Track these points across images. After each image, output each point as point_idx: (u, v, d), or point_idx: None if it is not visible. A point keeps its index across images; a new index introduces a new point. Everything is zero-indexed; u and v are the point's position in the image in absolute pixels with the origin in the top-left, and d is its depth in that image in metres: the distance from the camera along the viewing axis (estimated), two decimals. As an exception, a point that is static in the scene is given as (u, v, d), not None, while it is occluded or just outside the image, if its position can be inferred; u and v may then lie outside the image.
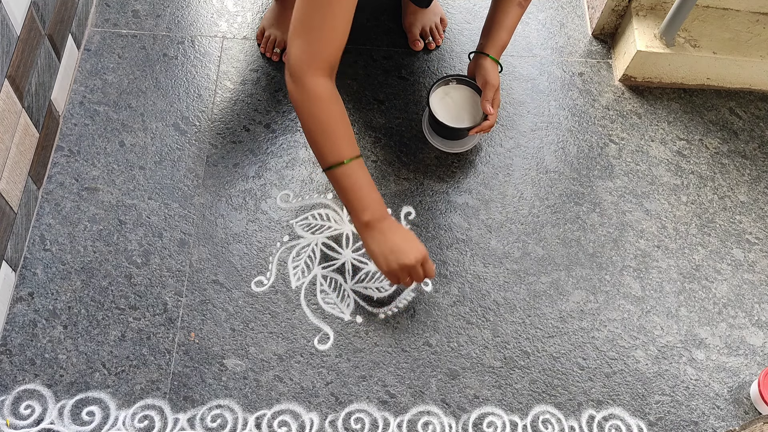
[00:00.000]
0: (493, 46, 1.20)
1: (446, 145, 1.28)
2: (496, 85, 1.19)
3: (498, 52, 1.21)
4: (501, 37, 1.20)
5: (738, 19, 1.40)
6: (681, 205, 1.29)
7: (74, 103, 1.28)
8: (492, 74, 1.20)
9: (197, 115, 1.29)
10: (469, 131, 1.22)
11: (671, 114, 1.39)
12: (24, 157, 1.12)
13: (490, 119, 1.20)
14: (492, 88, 1.19)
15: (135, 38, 1.37)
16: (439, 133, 1.28)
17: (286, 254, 1.18)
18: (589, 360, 1.13)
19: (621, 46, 1.42)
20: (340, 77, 1.35)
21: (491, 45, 1.20)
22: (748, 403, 1.12)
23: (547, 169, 1.31)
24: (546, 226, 1.25)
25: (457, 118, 1.24)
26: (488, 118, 1.20)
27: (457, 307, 1.16)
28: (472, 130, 1.21)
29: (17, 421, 1.02)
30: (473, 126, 1.21)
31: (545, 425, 1.08)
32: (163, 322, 1.11)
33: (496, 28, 1.20)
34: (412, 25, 1.38)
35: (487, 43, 1.21)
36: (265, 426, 1.04)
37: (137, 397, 1.05)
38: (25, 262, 1.13)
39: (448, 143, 1.28)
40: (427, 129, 1.30)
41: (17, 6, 1.05)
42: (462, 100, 1.25)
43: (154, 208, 1.20)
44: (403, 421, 1.06)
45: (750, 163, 1.35)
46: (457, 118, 1.24)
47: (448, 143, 1.28)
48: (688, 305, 1.20)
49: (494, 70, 1.20)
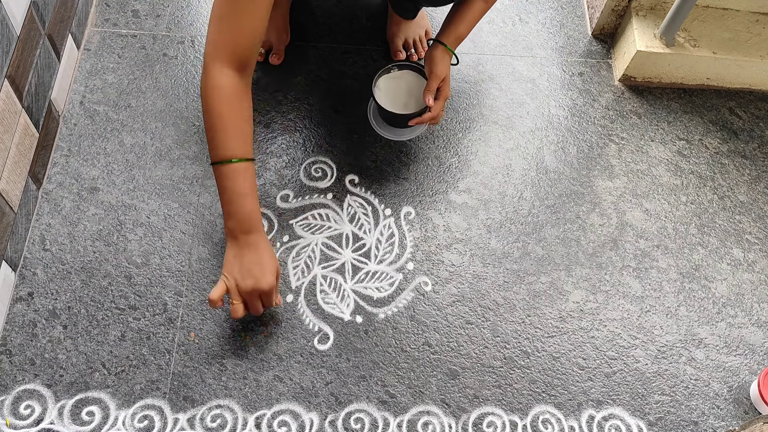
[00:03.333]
0: (448, 36, 1.18)
1: (386, 131, 1.26)
2: (442, 76, 1.17)
3: (453, 43, 1.18)
4: (459, 28, 1.18)
5: (738, 19, 1.40)
6: (681, 205, 1.29)
7: (74, 103, 1.28)
8: (440, 64, 1.17)
9: (197, 115, 1.29)
10: (409, 120, 1.19)
11: (671, 114, 1.39)
12: (24, 157, 1.12)
13: (432, 111, 1.17)
14: (437, 79, 1.17)
15: (135, 38, 1.37)
16: (381, 116, 1.25)
17: (286, 254, 1.18)
18: (588, 360, 1.13)
19: (621, 46, 1.42)
20: (340, 77, 1.35)
21: (447, 34, 1.18)
22: (747, 403, 1.12)
23: (547, 169, 1.31)
24: (546, 226, 1.25)
25: (402, 105, 1.21)
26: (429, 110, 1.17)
27: (457, 307, 1.16)
28: (412, 120, 1.18)
29: (17, 421, 1.02)
30: (415, 114, 1.18)
31: (545, 425, 1.08)
32: (163, 322, 1.11)
33: (457, 19, 1.18)
34: (395, 36, 1.37)
35: (443, 32, 1.19)
36: (264, 426, 1.04)
37: (137, 397, 1.05)
38: (24, 262, 1.13)
39: (391, 130, 1.26)
40: (371, 112, 1.27)
41: (17, 6, 1.05)
42: (410, 87, 1.22)
43: (154, 208, 1.20)
44: (402, 421, 1.06)
45: (750, 163, 1.35)
46: (401, 105, 1.21)
47: (392, 130, 1.26)
48: (688, 305, 1.20)
49: (443, 60, 1.17)
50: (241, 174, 1.00)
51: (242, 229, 1.02)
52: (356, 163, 1.27)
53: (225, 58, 0.97)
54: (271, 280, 1.03)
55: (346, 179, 1.26)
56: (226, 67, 0.97)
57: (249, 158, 1.01)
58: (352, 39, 1.41)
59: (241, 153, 1.00)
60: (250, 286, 1.02)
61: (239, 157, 0.99)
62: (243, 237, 1.02)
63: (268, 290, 1.03)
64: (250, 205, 1.02)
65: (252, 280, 1.02)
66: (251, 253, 1.02)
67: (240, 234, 1.02)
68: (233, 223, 1.02)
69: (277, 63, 1.35)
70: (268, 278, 1.02)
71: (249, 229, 1.02)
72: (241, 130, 1.00)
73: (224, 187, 1.01)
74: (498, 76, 1.40)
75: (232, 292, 1.02)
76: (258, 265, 1.02)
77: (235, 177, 1.00)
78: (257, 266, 1.02)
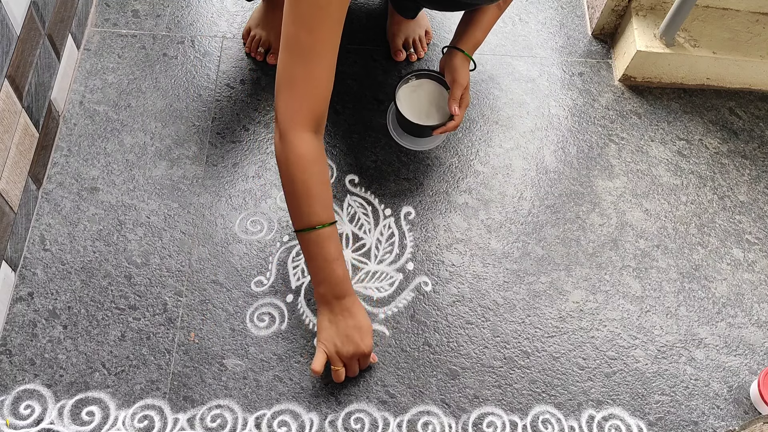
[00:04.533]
0: (466, 42, 1.17)
1: (409, 142, 1.26)
2: (464, 84, 1.16)
3: (471, 49, 1.18)
4: (476, 34, 1.17)
5: (738, 19, 1.40)
6: (681, 205, 1.29)
7: (74, 103, 1.28)
8: (461, 72, 1.16)
9: (197, 115, 1.29)
10: (433, 130, 1.19)
11: (671, 114, 1.39)
12: (24, 157, 1.12)
13: (456, 119, 1.17)
14: (460, 87, 1.16)
15: (135, 38, 1.37)
16: (403, 128, 1.24)
17: (285, 254, 1.18)
18: (588, 360, 1.13)
19: (621, 46, 1.42)
20: (340, 77, 1.35)
21: (465, 41, 1.17)
22: (747, 403, 1.12)
23: (547, 169, 1.31)
24: (546, 226, 1.25)
25: (425, 115, 1.20)
26: (453, 118, 1.17)
27: (457, 307, 1.16)
28: (437, 130, 1.18)
29: (17, 421, 1.02)
30: (439, 125, 1.18)
31: (545, 425, 1.08)
32: (163, 322, 1.11)
33: (472, 25, 1.17)
34: (396, 35, 1.37)
35: (460, 39, 1.18)
36: (264, 426, 1.04)
37: (137, 397, 1.05)
38: (24, 262, 1.14)
39: (413, 141, 1.26)
40: (391, 123, 1.26)
41: (17, 6, 1.05)
42: (430, 97, 1.22)
43: (154, 208, 1.20)
44: (402, 421, 1.06)
45: (750, 163, 1.35)
46: (423, 116, 1.20)
47: (414, 141, 1.26)
48: (688, 305, 1.20)
49: (464, 68, 1.17)
50: (327, 239, 0.99)
51: (335, 294, 1.02)
52: (356, 163, 1.27)
53: (303, 123, 0.95)
54: (369, 344, 1.04)
55: (346, 179, 1.26)
56: (305, 132, 0.96)
57: (333, 221, 1.00)
58: (352, 39, 1.41)
59: (326, 218, 0.99)
60: (351, 352, 1.02)
61: (324, 222, 0.98)
62: (336, 302, 1.02)
63: (368, 353, 1.04)
64: (340, 269, 1.01)
65: (352, 345, 1.02)
66: (347, 318, 1.02)
67: (333, 299, 1.02)
68: (325, 289, 1.01)
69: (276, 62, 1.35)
70: (366, 342, 1.03)
71: (342, 293, 1.02)
72: (325, 196, 0.99)
73: (313, 254, 1.00)
74: (498, 76, 1.40)
75: (333, 359, 1.03)
76: (356, 329, 1.02)
77: (323, 243, 0.99)
78: (355, 330, 1.02)
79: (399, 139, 1.26)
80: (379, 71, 1.37)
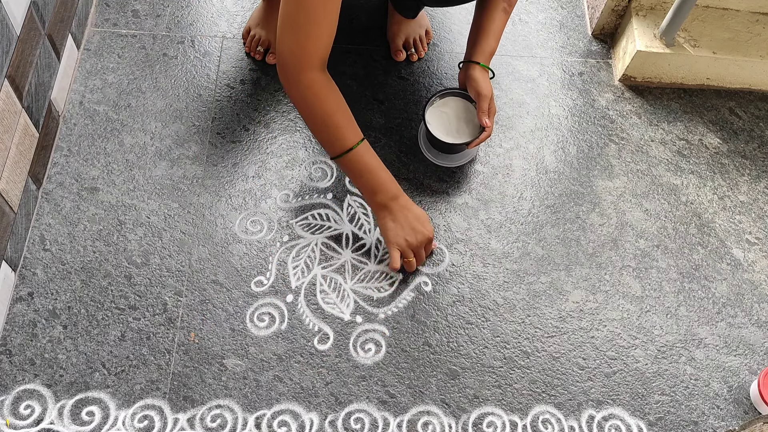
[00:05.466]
0: (481, 53, 1.18)
1: (447, 160, 1.27)
2: (489, 94, 1.17)
3: (487, 59, 1.19)
4: (489, 43, 1.18)
5: (738, 19, 1.40)
6: (681, 205, 1.29)
7: (74, 103, 1.28)
8: (483, 84, 1.17)
9: (197, 115, 1.29)
10: (468, 145, 1.21)
11: (671, 114, 1.39)
12: (24, 157, 1.12)
13: (488, 130, 1.19)
14: (486, 99, 1.17)
15: (135, 38, 1.37)
16: (438, 148, 1.26)
17: (285, 254, 1.18)
18: (588, 360, 1.13)
19: (621, 46, 1.42)
20: (340, 77, 1.35)
21: (479, 52, 1.18)
22: (747, 403, 1.12)
23: (547, 169, 1.31)
24: (546, 226, 1.25)
25: (456, 132, 1.22)
26: (485, 129, 1.19)
27: (457, 307, 1.16)
28: (471, 144, 1.19)
29: (17, 421, 1.02)
30: (472, 140, 1.20)
31: (545, 425, 1.08)
32: (163, 322, 1.11)
33: (483, 34, 1.18)
34: (396, 35, 1.37)
35: (474, 50, 1.19)
36: (264, 426, 1.04)
37: (137, 397, 1.05)
38: (24, 262, 1.14)
39: (448, 158, 1.27)
40: (424, 145, 1.28)
41: (17, 6, 1.05)
42: (458, 113, 1.23)
43: (153, 208, 1.20)
44: (402, 421, 1.06)
45: (750, 163, 1.35)
46: (455, 133, 1.22)
47: (450, 158, 1.27)
48: (688, 305, 1.20)
49: (485, 79, 1.18)
50: (365, 154, 1.08)
51: (390, 197, 1.11)
52: (356, 163, 1.27)
53: (309, 63, 1.01)
54: (431, 229, 1.15)
55: (346, 179, 1.26)
56: (313, 72, 1.02)
57: (363, 138, 1.09)
58: (352, 39, 1.41)
59: (356, 137, 1.08)
60: (420, 240, 1.13)
61: (356, 142, 1.07)
62: (394, 203, 1.11)
63: (432, 238, 1.15)
64: (386, 174, 1.11)
65: (419, 234, 1.13)
66: (407, 213, 1.12)
67: (390, 202, 1.11)
68: (381, 197, 1.10)
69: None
70: (428, 228, 1.14)
71: (395, 194, 1.11)
72: (348, 118, 1.07)
73: (358, 172, 1.09)
74: (498, 76, 1.40)
75: (405, 252, 1.13)
76: (417, 220, 1.12)
77: (362, 159, 1.08)
78: (417, 221, 1.12)
79: (435, 159, 1.27)
80: (379, 71, 1.37)
